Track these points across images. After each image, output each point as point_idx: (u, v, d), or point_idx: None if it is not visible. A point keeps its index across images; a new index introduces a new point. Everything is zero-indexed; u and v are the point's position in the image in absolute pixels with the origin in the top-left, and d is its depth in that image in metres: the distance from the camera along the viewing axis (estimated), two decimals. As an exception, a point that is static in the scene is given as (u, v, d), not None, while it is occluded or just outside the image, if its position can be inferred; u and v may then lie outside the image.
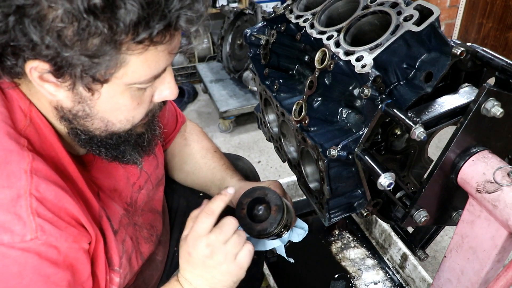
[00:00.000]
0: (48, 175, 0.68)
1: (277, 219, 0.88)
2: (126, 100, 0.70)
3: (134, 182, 0.98)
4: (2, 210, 0.63)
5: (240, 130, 2.99)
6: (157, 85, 0.74)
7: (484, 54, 0.73)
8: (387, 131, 0.78)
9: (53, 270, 0.67)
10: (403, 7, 0.70)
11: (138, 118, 0.76)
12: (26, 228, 0.64)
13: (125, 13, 0.57)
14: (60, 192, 0.68)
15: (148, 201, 1.03)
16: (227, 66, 3.14)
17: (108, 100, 0.69)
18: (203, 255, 0.80)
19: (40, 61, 0.61)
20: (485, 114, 0.65)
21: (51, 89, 0.66)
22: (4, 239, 0.63)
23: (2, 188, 0.64)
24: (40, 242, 0.65)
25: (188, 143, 1.21)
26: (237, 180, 1.10)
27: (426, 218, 0.74)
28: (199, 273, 0.82)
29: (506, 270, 0.64)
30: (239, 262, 0.82)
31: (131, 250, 0.91)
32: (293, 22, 0.87)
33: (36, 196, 0.65)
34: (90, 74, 0.63)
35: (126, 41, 0.60)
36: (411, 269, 1.49)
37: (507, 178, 0.63)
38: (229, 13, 3.12)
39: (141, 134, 0.82)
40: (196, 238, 0.80)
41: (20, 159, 0.66)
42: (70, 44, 0.59)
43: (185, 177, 1.22)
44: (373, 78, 0.67)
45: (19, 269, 0.64)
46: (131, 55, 0.63)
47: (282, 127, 0.97)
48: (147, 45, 0.62)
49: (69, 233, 0.69)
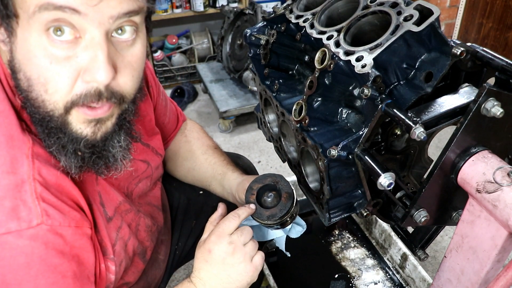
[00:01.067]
0: (48, 159, 0.67)
1: (287, 206, 0.90)
2: (36, 48, 0.59)
3: (138, 175, 0.98)
4: (8, 196, 0.63)
5: (240, 130, 2.99)
6: (84, 62, 0.61)
7: (484, 54, 0.73)
8: (387, 131, 0.78)
9: (59, 260, 0.68)
10: (403, 7, 0.70)
11: (58, 88, 0.62)
12: (32, 214, 0.64)
13: None
14: (60, 175, 0.68)
15: (142, 196, 1.03)
16: (227, 66, 3.14)
17: (23, 44, 0.60)
18: (225, 251, 0.83)
19: None
20: (485, 114, 0.65)
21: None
22: (12, 227, 0.63)
23: (7, 174, 0.64)
24: (46, 227, 0.65)
25: (188, 140, 1.21)
26: (238, 174, 1.10)
27: (426, 218, 0.74)
28: (216, 272, 0.84)
29: (506, 270, 0.64)
30: (255, 264, 0.86)
31: (128, 237, 0.91)
32: (293, 22, 0.87)
33: (39, 181, 0.65)
34: (4, 3, 0.57)
35: None
36: (411, 269, 1.49)
37: (507, 178, 0.63)
38: (229, 13, 3.11)
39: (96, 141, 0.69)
40: (220, 236, 0.84)
41: (21, 144, 0.65)
42: None
43: (185, 174, 1.22)
44: (373, 78, 0.67)
45: (27, 260, 0.65)
46: None
47: (282, 127, 0.97)
48: None
49: (72, 217, 0.69)
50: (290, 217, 0.94)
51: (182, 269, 1.83)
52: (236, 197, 1.06)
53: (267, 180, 0.94)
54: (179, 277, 1.82)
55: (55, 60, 0.60)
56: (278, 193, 0.93)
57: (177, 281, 1.80)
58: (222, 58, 3.19)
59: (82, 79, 0.62)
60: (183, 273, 1.83)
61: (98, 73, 0.61)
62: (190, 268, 1.84)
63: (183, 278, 1.83)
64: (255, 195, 0.92)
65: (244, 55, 2.95)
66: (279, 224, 0.93)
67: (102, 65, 0.61)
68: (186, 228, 1.27)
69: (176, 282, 1.79)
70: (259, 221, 0.92)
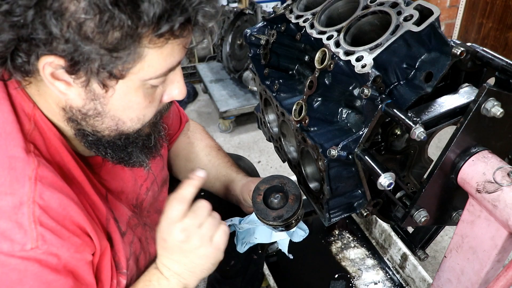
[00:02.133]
0: (53, 182, 0.67)
1: (294, 208, 0.89)
2: (139, 97, 0.70)
3: (141, 183, 0.97)
4: (4, 218, 0.62)
5: (240, 130, 2.99)
6: (167, 84, 0.74)
7: (484, 54, 0.73)
8: (387, 131, 0.78)
9: (54, 277, 0.67)
10: (403, 7, 0.70)
11: (148, 117, 0.75)
12: (27, 237, 0.63)
13: (148, 5, 0.57)
14: (65, 200, 0.67)
15: (153, 202, 1.03)
16: (227, 66, 3.14)
17: (122, 98, 0.68)
18: (178, 240, 0.80)
19: (56, 57, 0.60)
20: (485, 114, 0.65)
21: (62, 88, 0.65)
22: (4, 248, 0.62)
23: (5, 195, 0.63)
24: (40, 251, 0.64)
25: (191, 142, 1.21)
26: (242, 175, 1.10)
27: (426, 218, 0.74)
28: (177, 258, 0.82)
29: (506, 270, 0.64)
30: (216, 244, 0.82)
31: (139, 251, 0.91)
32: (293, 22, 0.87)
33: (40, 204, 0.64)
34: (108, 70, 0.62)
35: (147, 35, 0.60)
36: (411, 269, 1.49)
37: (507, 178, 0.63)
38: (229, 13, 3.11)
39: (148, 135, 0.81)
40: (169, 224, 0.80)
41: (25, 165, 0.64)
42: (91, 37, 0.58)
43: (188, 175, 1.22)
44: (373, 78, 0.67)
45: (19, 277, 0.64)
46: (150, 48, 0.62)
47: (282, 127, 0.97)
48: (167, 39, 0.62)
49: (72, 243, 0.68)
50: (296, 220, 0.93)
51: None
52: (241, 198, 1.05)
53: (275, 181, 0.93)
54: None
55: (152, 99, 0.73)
56: (285, 194, 0.93)
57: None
58: (222, 58, 3.19)
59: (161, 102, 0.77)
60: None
61: (181, 95, 0.77)
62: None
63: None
64: (262, 195, 0.92)
65: (244, 55, 2.95)
66: (284, 226, 0.92)
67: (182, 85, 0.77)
68: None
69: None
70: (265, 221, 0.91)
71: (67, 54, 0.59)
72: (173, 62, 0.68)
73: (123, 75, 0.64)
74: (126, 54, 0.61)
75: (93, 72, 0.62)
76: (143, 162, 0.83)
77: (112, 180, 0.87)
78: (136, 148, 0.80)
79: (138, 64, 0.64)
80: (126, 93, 0.68)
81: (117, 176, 0.88)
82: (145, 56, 0.63)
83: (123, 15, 0.56)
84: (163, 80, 0.71)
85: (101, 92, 0.66)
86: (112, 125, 0.73)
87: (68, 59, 0.60)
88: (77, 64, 0.61)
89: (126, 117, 0.72)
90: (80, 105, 0.68)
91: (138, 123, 0.74)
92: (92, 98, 0.67)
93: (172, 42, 0.63)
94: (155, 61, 0.64)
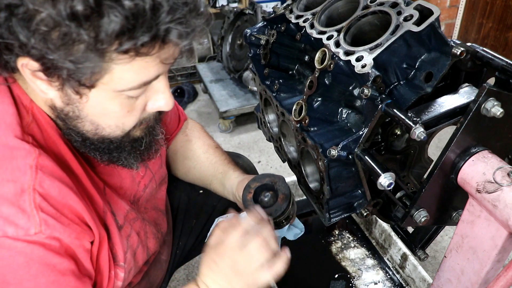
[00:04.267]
0: (53, 172, 0.68)
1: (283, 207, 0.89)
2: (115, 106, 0.69)
3: (139, 180, 0.98)
4: (6, 203, 0.63)
5: (240, 130, 2.99)
6: (151, 95, 0.73)
7: (484, 54, 0.73)
8: (387, 131, 0.78)
9: (58, 259, 0.68)
10: (403, 7, 0.70)
11: (128, 126, 0.75)
12: (30, 222, 0.64)
13: (108, 22, 0.56)
14: (65, 189, 0.69)
15: (150, 199, 1.04)
16: (227, 66, 3.14)
17: (97, 105, 0.69)
18: (229, 267, 0.81)
19: (30, 59, 0.61)
20: (485, 114, 0.65)
21: (43, 87, 0.66)
22: (9, 232, 0.63)
23: (7, 182, 0.64)
24: (44, 236, 0.65)
25: (189, 139, 1.21)
26: (239, 173, 1.10)
27: (426, 218, 0.74)
28: (222, 283, 0.83)
29: (506, 270, 0.64)
30: (259, 280, 0.82)
31: (137, 245, 0.92)
32: (293, 22, 0.87)
33: (40, 192, 0.65)
34: (76, 79, 0.62)
35: (110, 50, 0.59)
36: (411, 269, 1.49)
37: (507, 178, 0.63)
38: (229, 13, 3.11)
39: (138, 138, 0.81)
40: (225, 250, 0.81)
41: (26, 154, 0.66)
42: (54, 48, 0.58)
43: (186, 173, 1.22)
44: (373, 78, 0.67)
45: (26, 260, 0.65)
46: (116, 63, 0.62)
47: (282, 127, 0.97)
48: (132, 55, 0.61)
49: (72, 229, 0.69)
50: (286, 219, 0.93)
51: (182, 269, 1.83)
52: (236, 196, 1.06)
53: (266, 179, 0.93)
54: (178, 277, 1.82)
55: (131, 108, 0.72)
56: (275, 193, 0.93)
57: (177, 281, 1.80)
58: (222, 58, 3.19)
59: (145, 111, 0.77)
60: (183, 273, 1.83)
61: (166, 106, 0.76)
62: (190, 268, 1.85)
63: (183, 278, 1.83)
64: (252, 193, 0.92)
65: (244, 55, 2.95)
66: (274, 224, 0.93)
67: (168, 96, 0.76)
68: (187, 227, 1.27)
69: (176, 282, 1.80)
70: None
71: (38, 59, 0.60)
72: (148, 76, 0.67)
73: (92, 85, 0.64)
74: (90, 66, 0.60)
75: (65, 79, 0.62)
76: (132, 165, 0.83)
77: (110, 175, 0.88)
78: (123, 152, 0.80)
79: (106, 76, 0.63)
80: (100, 101, 0.68)
81: (115, 172, 0.89)
82: (112, 69, 0.62)
83: (82, 30, 0.56)
84: (142, 91, 0.70)
85: (75, 97, 0.67)
86: (92, 129, 0.73)
87: (40, 63, 0.61)
88: (49, 68, 0.61)
89: (104, 123, 0.73)
90: (61, 106, 0.70)
91: (117, 130, 0.74)
92: (68, 102, 0.68)
93: (141, 58, 0.62)
94: (124, 74, 0.64)
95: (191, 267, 1.86)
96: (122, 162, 0.82)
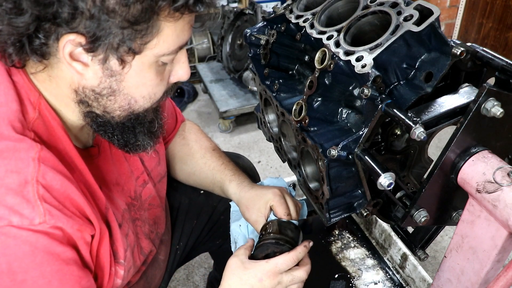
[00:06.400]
0: (55, 165, 0.69)
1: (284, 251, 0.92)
2: (152, 74, 0.73)
3: (138, 176, 0.98)
4: (11, 193, 0.64)
5: (240, 130, 2.99)
6: (174, 64, 0.78)
7: (484, 54, 0.73)
8: (387, 131, 0.78)
9: (62, 248, 0.69)
10: (403, 7, 0.70)
11: (158, 96, 0.79)
12: (35, 212, 0.65)
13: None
14: (66, 182, 0.69)
15: (154, 196, 1.04)
16: (227, 66, 3.14)
17: (137, 74, 0.72)
18: (272, 287, 0.86)
19: (77, 35, 0.63)
20: (485, 114, 0.65)
21: (79, 68, 0.68)
22: (14, 221, 0.64)
23: (11, 173, 0.65)
24: (48, 226, 0.66)
25: (187, 143, 1.21)
26: (235, 184, 1.10)
27: (426, 218, 0.74)
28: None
29: (506, 270, 0.64)
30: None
31: (133, 244, 0.92)
32: (293, 22, 0.87)
33: (43, 183, 0.66)
34: (127, 44, 0.66)
35: (165, 8, 0.64)
36: (411, 269, 1.49)
37: (507, 178, 0.63)
38: (229, 13, 3.11)
39: (151, 121, 0.84)
40: (276, 273, 0.87)
41: (29, 147, 0.67)
42: (114, 10, 0.62)
43: (186, 178, 1.22)
44: (373, 78, 0.67)
45: (31, 248, 0.65)
46: (167, 22, 0.66)
47: (282, 127, 0.97)
48: (182, 13, 0.66)
49: (74, 221, 0.70)
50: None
51: (182, 269, 1.83)
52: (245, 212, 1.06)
53: (270, 249, 0.92)
54: (179, 277, 1.82)
55: (162, 77, 0.77)
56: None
57: (177, 281, 1.80)
58: (222, 58, 3.19)
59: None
60: (183, 273, 1.83)
61: (186, 75, 0.81)
62: (190, 268, 1.85)
63: (183, 278, 1.83)
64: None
65: (244, 55, 2.95)
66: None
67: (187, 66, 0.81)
68: (187, 228, 1.27)
69: (176, 282, 1.80)
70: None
71: (89, 30, 0.63)
72: (183, 39, 0.72)
73: (140, 49, 0.68)
74: (145, 27, 0.65)
75: (113, 48, 0.66)
76: (148, 145, 0.87)
77: (106, 171, 0.88)
78: (143, 129, 0.84)
79: (155, 39, 0.67)
80: (141, 69, 0.71)
81: (112, 167, 0.90)
82: (161, 30, 0.67)
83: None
84: (173, 58, 0.75)
85: (118, 68, 0.70)
86: (124, 104, 0.76)
87: (90, 35, 0.63)
88: (97, 40, 0.64)
89: (139, 94, 0.75)
90: (95, 84, 0.71)
91: (149, 101, 0.78)
92: (109, 74, 0.70)
93: (185, 17, 0.68)
94: (169, 36, 0.68)
95: (191, 267, 1.86)
96: (139, 143, 0.85)
